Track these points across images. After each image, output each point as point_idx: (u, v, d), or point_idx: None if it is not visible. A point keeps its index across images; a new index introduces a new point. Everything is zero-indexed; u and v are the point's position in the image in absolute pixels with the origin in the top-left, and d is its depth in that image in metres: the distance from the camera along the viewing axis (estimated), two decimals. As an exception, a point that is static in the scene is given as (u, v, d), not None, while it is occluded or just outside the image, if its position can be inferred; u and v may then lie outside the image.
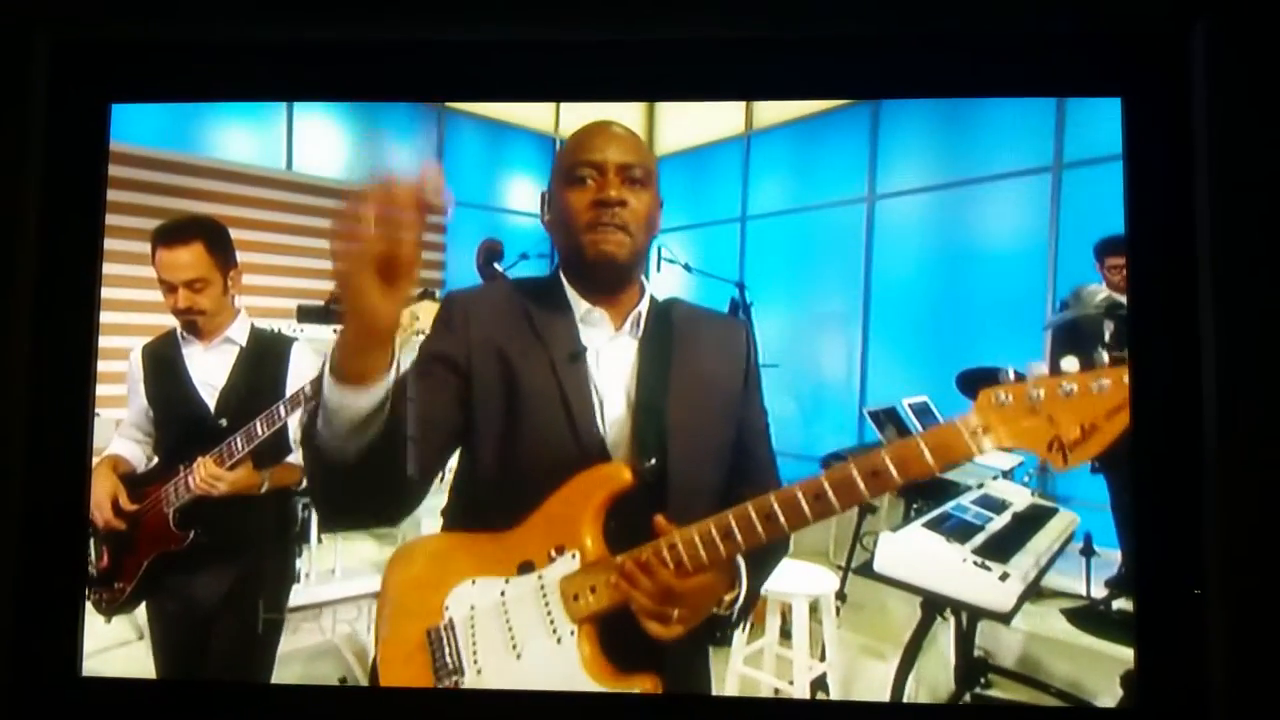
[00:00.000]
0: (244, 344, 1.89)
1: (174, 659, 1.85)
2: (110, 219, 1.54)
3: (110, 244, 1.53)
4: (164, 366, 1.87)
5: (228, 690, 1.64)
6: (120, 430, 1.91)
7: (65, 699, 1.47)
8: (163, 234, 1.81)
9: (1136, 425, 1.29)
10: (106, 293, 1.53)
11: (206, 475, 1.78)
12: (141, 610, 2.05)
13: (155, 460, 1.91)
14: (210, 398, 1.86)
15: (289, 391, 1.87)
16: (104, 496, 1.82)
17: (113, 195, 1.54)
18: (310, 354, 1.93)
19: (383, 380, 1.12)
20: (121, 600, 1.86)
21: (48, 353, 1.46)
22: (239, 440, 1.79)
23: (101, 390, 1.53)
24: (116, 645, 1.96)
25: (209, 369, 1.87)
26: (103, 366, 1.54)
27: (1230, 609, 1.29)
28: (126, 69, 1.52)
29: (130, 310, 1.87)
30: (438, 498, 1.39)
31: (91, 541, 1.81)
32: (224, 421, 1.83)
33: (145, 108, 1.60)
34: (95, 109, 1.51)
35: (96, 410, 1.53)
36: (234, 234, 1.89)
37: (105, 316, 1.53)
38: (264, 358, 1.90)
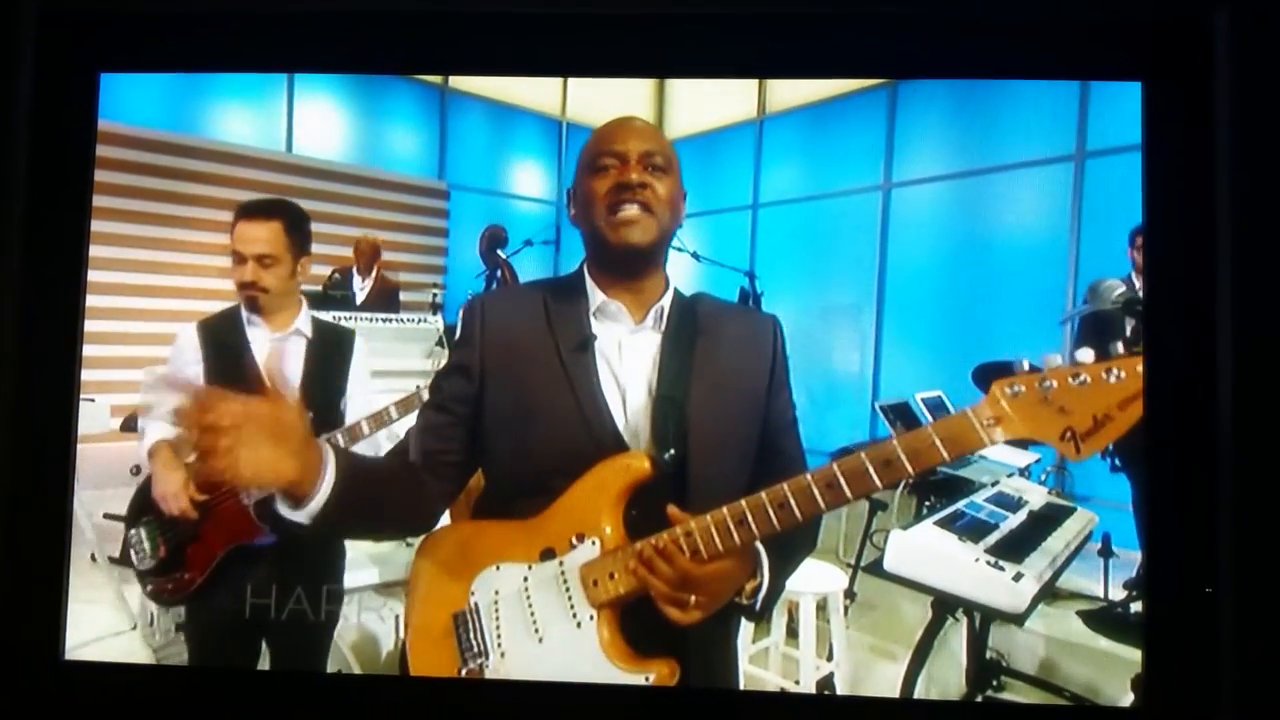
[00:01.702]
0: (310, 336, 1.88)
1: (219, 651, 1.81)
2: (102, 200, 1.51)
3: (106, 227, 1.50)
4: (228, 351, 1.83)
5: (210, 676, 1.65)
6: (152, 414, 1.85)
7: (48, 683, 1.47)
8: (247, 207, 1.82)
9: (1150, 419, 1.26)
10: (99, 276, 1.51)
11: None
12: (135, 599, 2.03)
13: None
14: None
15: (350, 385, 1.88)
16: (178, 486, 1.78)
17: (106, 176, 1.53)
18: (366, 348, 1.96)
19: (318, 489, 1.21)
20: (190, 591, 1.81)
21: (34, 331, 1.45)
22: (340, 437, 1.80)
23: (87, 375, 1.50)
24: (110, 635, 1.95)
25: (280, 360, 1.82)
26: (89, 351, 1.51)
27: (1241, 608, 1.28)
28: (116, 38, 1.49)
29: (122, 294, 1.84)
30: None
31: (144, 531, 1.81)
32: (310, 415, 1.81)
33: (143, 88, 1.58)
34: (84, 78, 1.48)
35: (91, 396, 1.50)
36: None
37: (94, 300, 1.50)
38: (330, 351, 1.90)
